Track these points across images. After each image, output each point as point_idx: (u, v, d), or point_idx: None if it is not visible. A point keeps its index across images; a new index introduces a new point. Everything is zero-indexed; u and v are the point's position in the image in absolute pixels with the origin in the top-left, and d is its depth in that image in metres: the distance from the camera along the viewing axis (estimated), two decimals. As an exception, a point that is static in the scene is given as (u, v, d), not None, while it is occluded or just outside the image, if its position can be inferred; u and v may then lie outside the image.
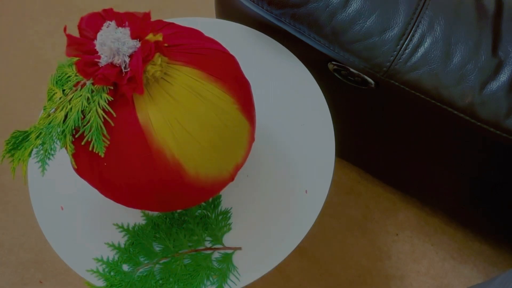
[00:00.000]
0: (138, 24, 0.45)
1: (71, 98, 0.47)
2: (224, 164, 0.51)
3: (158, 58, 0.46)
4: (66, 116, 0.47)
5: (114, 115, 0.45)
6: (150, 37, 0.45)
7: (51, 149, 0.47)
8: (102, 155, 0.46)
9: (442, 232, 1.06)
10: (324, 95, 0.69)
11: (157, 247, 0.58)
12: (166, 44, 0.48)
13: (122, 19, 0.46)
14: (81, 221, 0.63)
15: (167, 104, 0.46)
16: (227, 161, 0.51)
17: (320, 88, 0.69)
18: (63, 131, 0.46)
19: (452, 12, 0.62)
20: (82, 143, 0.46)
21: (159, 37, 0.45)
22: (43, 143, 0.47)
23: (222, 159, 0.50)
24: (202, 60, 0.49)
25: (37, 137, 0.47)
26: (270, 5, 0.67)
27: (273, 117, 0.68)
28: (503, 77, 0.59)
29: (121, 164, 0.47)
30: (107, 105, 0.45)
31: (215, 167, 0.50)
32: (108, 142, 0.46)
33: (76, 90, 0.47)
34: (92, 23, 0.45)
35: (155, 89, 0.46)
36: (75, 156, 0.48)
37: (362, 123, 0.85)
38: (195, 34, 0.54)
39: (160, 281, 0.56)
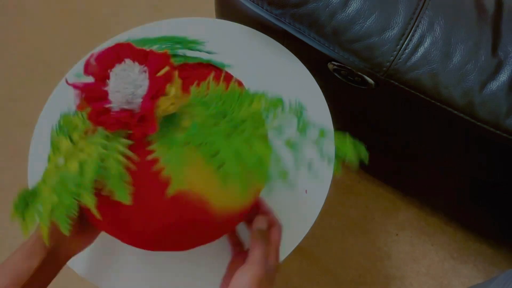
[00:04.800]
0: (157, 63, 0.41)
1: (83, 147, 0.43)
2: (247, 191, 0.47)
3: (171, 88, 0.41)
4: (81, 167, 0.42)
5: (137, 159, 0.41)
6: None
7: (70, 205, 0.41)
8: (129, 203, 0.41)
9: (442, 232, 1.06)
10: (324, 95, 0.69)
11: None
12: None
13: (139, 56, 0.42)
14: (81, 221, 0.63)
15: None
16: (250, 188, 0.47)
17: (320, 88, 0.69)
18: (81, 183, 0.41)
19: (452, 12, 0.62)
20: (103, 193, 0.41)
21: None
22: (59, 199, 0.41)
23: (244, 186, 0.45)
24: None
25: (51, 193, 0.42)
26: (270, 5, 0.67)
27: (273, 117, 0.68)
28: (503, 77, 0.59)
29: (143, 210, 0.43)
30: (127, 150, 0.41)
31: (238, 196, 0.46)
32: (133, 188, 0.41)
33: (87, 138, 0.43)
34: (104, 59, 0.41)
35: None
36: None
37: (362, 123, 0.85)
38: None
39: None
